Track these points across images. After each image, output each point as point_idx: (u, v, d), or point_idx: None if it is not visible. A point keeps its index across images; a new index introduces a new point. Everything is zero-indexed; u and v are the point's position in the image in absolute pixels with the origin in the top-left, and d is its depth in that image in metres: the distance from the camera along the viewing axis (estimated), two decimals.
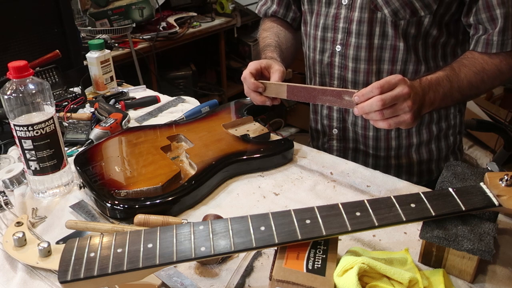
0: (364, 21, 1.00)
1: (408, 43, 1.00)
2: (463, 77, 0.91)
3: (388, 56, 1.02)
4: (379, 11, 0.98)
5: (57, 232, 0.82)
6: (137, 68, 2.25)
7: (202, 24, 2.60)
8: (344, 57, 1.06)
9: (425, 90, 0.85)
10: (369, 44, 1.02)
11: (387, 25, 0.99)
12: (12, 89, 0.83)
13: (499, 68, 0.94)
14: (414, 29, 0.98)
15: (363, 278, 0.62)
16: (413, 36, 0.99)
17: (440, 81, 0.88)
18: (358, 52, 1.03)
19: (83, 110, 1.26)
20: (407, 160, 1.13)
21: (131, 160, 0.96)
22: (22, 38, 1.33)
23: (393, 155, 1.13)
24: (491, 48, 0.93)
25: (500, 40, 0.92)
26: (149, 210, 0.82)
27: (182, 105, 1.33)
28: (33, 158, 0.87)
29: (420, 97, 0.82)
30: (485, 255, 0.63)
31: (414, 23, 0.97)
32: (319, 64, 1.12)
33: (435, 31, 0.99)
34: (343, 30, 1.04)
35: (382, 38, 1.01)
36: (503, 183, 0.67)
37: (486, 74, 0.93)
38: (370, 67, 1.03)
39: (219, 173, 0.93)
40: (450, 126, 1.12)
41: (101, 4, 2.15)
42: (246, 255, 0.74)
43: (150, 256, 0.59)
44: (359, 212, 0.64)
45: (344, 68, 1.07)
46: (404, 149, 1.12)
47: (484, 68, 0.93)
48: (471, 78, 0.92)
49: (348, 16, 1.02)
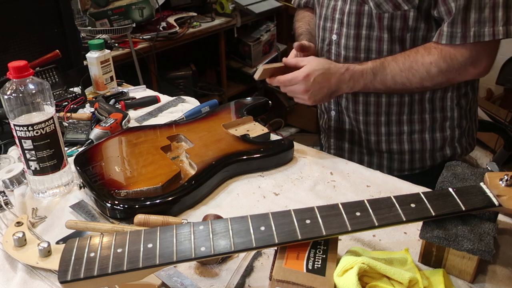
0: (353, 13, 1.06)
1: (394, 35, 1.03)
2: (388, 72, 0.99)
3: (375, 46, 1.07)
4: (366, 4, 1.04)
5: (57, 232, 0.82)
6: (137, 68, 2.25)
7: (202, 24, 2.60)
8: (338, 45, 1.13)
9: (344, 79, 1.00)
10: (357, 34, 1.08)
11: (373, 17, 1.04)
12: (12, 89, 0.83)
13: (427, 69, 0.97)
14: (399, 22, 1.02)
15: (363, 278, 0.62)
16: (399, 28, 1.02)
17: (364, 72, 1.00)
18: (348, 41, 1.10)
19: (83, 110, 1.26)
20: (398, 147, 1.16)
21: (131, 160, 0.96)
22: (22, 38, 1.33)
23: (383, 140, 1.16)
24: (441, 38, 0.96)
25: (449, 31, 0.95)
26: (149, 210, 0.82)
27: (182, 105, 1.33)
28: (33, 158, 0.87)
29: (329, 88, 1.00)
30: (485, 255, 0.63)
31: (399, 16, 1.01)
32: (321, 51, 1.19)
33: (422, 24, 1.01)
34: (338, 21, 1.11)
35: (369, 29, 1.06)
36: (503, 183, 0.67)
37: (412, 73, 0.98)
38: (358, 56, 1.09)
39: (219, 173, 0.93)
40: (447, 118, 1.13)
41: (101, 4, 2.15)
42: (246, 255, 0.74)
43: (150, 256, 0.59)
44: (359, 212, 0.64)
45: (338, 56, 1.14)
46: (395, 135, 1.15)
47: (411, 67, 0.98)
48: (395, 75, 0.99)
49: (342, 8, 1.09)
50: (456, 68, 0.96)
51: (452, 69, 0.97)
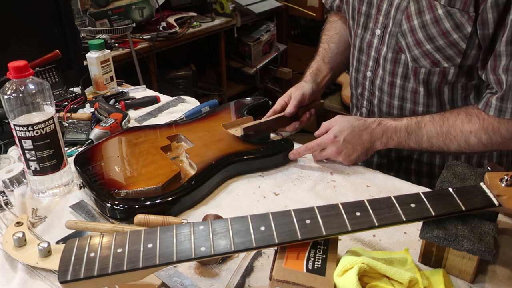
0: (388, 59, 1.01)
1: (430, 88, 0.98)
2: (424, 133, 0.93)
3: (410, 97, 1.02)
4: (403, 53, 0.98)
5: (57, 232, 0.82)
6: (137, 68, 2.25)
7: (202, 24, 2.60)
8: (373, 84, 1.07)
9: (377, 135, 0.95)
10: (391, 82, 1.03)
11: (409, 69, 0.98)
12: (12, 89, 0.83)
13: (466, 138, 0.90)
14: (437, 77, 0.96)
15: (363, 278, 0.62)
16: (437, 82, 0.97)
17: (398, 130, 0.94)
18: (383, 84, 1.05)
19: (83, 110, 1.26)
20: (429, 159, 1.09)
21: (131, 160, 0.96)
22: (22, 38, 1.32)
23: (415, 158, 1.10)
24: (489, 109, 0.88)
25: (499, 106, 0.87)
26: (149, 210, 0.82)
27: (182, 105, 1.33)
28: (33, 158, 0.87)
29: (362, 146, 0.95)
30: (485, 255, 0.63)
31: (438, 72, 0.95)
32: (355, 81, 1.14)
33: (463, 79, 0.95)
34: (373, 59, 1.05)
35: (404, 79, 1.00)
36: (503, 183, 0.67)
37: (449, 139, 0.91)
38: (392, 102, 1.05)
39: (219, 173, 0.93)
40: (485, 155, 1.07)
41: (101, 4, 2.15)
42: (246, 255, 0.74)
43: (150, 256, 0.59)
44: (359, 212, 0.64)
45: (372, 94, 1.09)
46: (426, 155, 1.09)
47: (449, 132, 0.91)
48: (431, 137, 0.92)
49: (378, 47, 1.03)
50: (499, 142, 0.89)
51: (494, 143, 0.89)
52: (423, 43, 0.92)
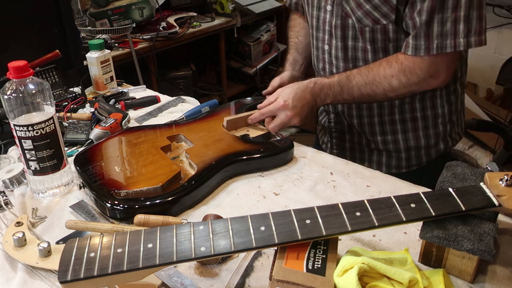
0: (338, 26, 1.11)
1: (376, 46, 1.08)
2: (354, 84, 1.05)
3: (361, 56, 1.12)
4: (349, 18, 1.08)
5: (57, 232, 0.82)
6: (137, 68, 2.25)
7: (202, 24, 2.60)
8: (330, 55, 1.18)
9: (316, 92, 1.07)
10: (344, 46, 1.13)
11: (357, 30, 1.09)
12: (12, 89, 0.83)
13: (388, 82, 1.02)
14: (380, 35, 1.06)
15: (363, 278, 0.62)
16: (381, 40, 1.07)
17: (331, 85, 1.07)
18: (337, 52, 1.15)
19: (83, 110, 1.26)
20: (394, 146, 1.20)
21: (131, 160, 0.96)
22: (22, 38, 1.33)
23: (379, 140, 1.20)
24: (407, 50, 1.00)
25: (414, 44, 0.99)
26: (149, 210, 0.82)
27: (182, 105, 1.33)
28: (33, 158, 0.87)
29: (308, 103, 1.06)
30: (485, 255, 0.63)
31: (380, 30, 1.05)
32: (316, 59, 1.24)
33: (402, 36, 1.05)
34: (328, 32, 1.16)
35: (354, 40, 1.11)
36: (503, 183, 0.67)
37: (375, 85, 1.04)
38: (347, 65, 1.15)
39: (219, 173, 0.93)
40: (438, 115, 1.16)
41: (101, 4, 2.15)
42: (246, 255, 0.74)
43: (150, 256, 0.59)
44: (359, 212, 0.64)
45: (330, 64, 1.19)
46: (390, 135, 1.19)
47: (374, 79, 1.03)
48: (360, 86, 1.05)
49: (330, 20, 1.13)
50: (416, 81, 1.01)
51: (412, 83, 1.01)
52: (363, 4, 1.04)
